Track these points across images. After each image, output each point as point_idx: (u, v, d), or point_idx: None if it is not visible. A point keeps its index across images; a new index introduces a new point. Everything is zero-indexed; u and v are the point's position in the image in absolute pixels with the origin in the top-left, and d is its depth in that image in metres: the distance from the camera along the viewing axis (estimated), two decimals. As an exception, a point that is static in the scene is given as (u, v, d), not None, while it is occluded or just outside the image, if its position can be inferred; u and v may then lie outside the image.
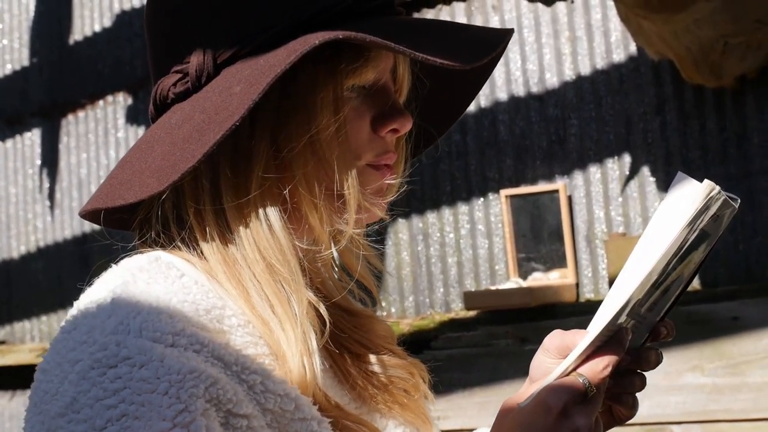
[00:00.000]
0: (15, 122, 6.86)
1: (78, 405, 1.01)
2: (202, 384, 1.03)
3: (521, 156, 4.81)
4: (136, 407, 0.99)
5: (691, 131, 4.39)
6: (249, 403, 1.07)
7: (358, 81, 1.22)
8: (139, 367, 1.02)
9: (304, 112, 1.17)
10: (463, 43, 1.21)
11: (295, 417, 1.11)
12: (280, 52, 1.14)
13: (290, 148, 1.17)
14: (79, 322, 1.11)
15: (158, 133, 1.19)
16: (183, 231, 1.20)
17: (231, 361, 1.09)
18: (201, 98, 1.17)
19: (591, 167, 4.63)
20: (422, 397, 1.39)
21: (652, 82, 4.49)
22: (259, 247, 1.17)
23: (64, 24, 6.65)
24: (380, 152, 1.24)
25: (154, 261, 1.17)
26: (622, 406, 1.26)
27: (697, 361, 3.91)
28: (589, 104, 4.65)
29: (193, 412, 1.00)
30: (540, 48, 4.81)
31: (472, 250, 4.91)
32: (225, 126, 1.10)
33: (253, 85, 1.11)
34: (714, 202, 1.18)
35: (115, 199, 1.17)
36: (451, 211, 4.97)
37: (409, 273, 5.07)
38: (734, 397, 3.79)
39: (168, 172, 1.12)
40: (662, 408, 3.88)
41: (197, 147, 1.11)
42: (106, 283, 1.17)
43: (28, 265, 6.68)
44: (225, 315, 1.15)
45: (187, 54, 1.20)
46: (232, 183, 1.17)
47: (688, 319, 4.00)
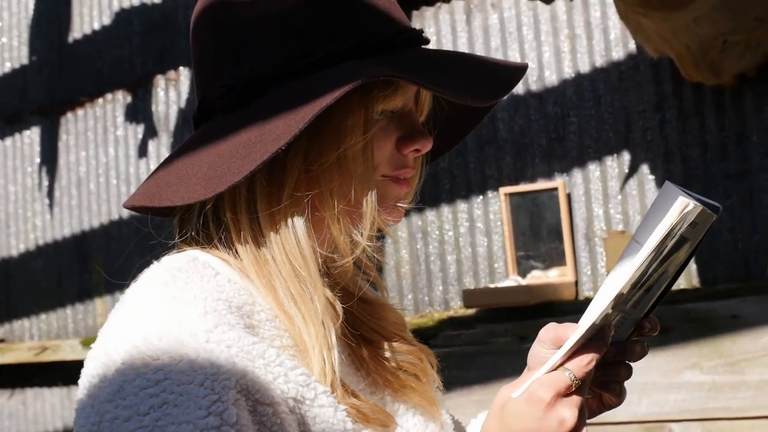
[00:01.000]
0: (14, 120, 6.86)
1: (124, 392, 1.14)
2: (234, 377, 1.15)
3: (520, 154, 4.81)
4: (175, 396, 1.11)
5: (691, 129, 4.39)
6: (274, 393, 1.19)
7: (388, 106, 1.35)
8: (178, 360, 1.14)
9: (337, 133, 1.30)
10: (485, 79, 1.36)
11: (315, 404, 1.23)
12: (323, 80, 1.26)
13: (320, 164, 1.30)
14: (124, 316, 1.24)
15: (205, 141, 1.31)
16: (220, 231, 1.34)
17: (258, 355, 1.20)
18: (246, 116, 1.30)
19: (590, 165, 4.62)
20: (431, 382, 1.52)
21: (651, 79, 4.49)
22: (287, 252, 1.30)
23: (63, 22, 6.65)
24: (399, 167, 1.39)
25: (192, 261, 1.30)
26: (610, 394, 1.40)
27: (696, 359, 3.91)
28: (588, 102, 4.65)
29: (225, 401, 1.12)
30: (539, 46, 4.81)
31: (471, 248, 4.91)
32: (270, 149, 1.22)
33: (299, 113, 1.23)
34: (689, 215, 1.25)
35: (163, 199, 1.30)
36: (450, 208, 4.97)
37: (408, 271, 5.07)
38: (733, 395, 3.79)
39: (214, 182, 1.25)
40: (661, 406, 3.89)
41: (243, 163, 1.24)
42: (150, 281, 1.29)
43: (27, 263, 6.68)
44: (255, 311, 1.28)
45: (234, 69, 1.32)
46: (267, 192, 1.30)
47: (687, 317, 4.00)
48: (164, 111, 6.10)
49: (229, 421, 1.11)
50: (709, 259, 4.33)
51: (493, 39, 4.93)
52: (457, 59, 1.40)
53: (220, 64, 1.35)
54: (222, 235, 1.34)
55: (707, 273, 4.34)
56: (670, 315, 4.00)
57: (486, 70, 1.40)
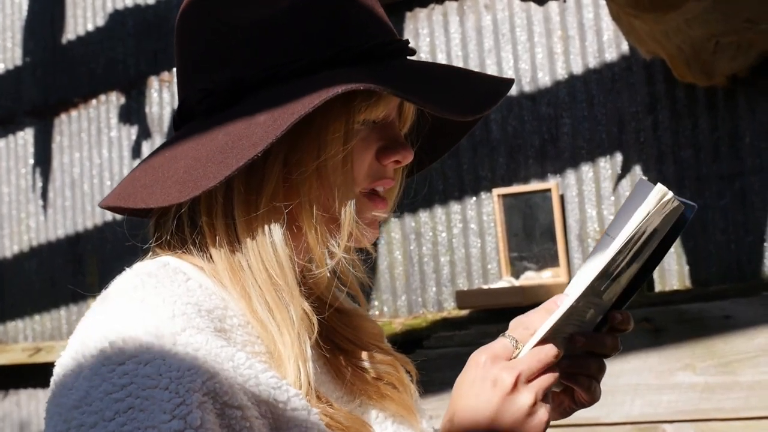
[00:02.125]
0: (8, 122, 6.86)
1: (90, 398, 1.14)
2: (200, 379, 1.14)
3: (513, 155, 4.82)
4: (141, 401, 1.12)
5: (683, 130, 4.39)
6: (243, 396, 1.18)
7: (370, 116, 1.34)
8: (144, 364, 1.14)
9: (317, 141, 1.30)
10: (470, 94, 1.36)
11: (287, 408, 1.22)
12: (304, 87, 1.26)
13: (299, 173, 1.29)
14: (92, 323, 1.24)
15: (182, 144, 1.31)
16: (195, 235, 1.33)
17: (227, 358, 1.19)
18: (225, 120, 1.29)
19: (583, 166, 4.63)
20: (408, 391, 1.51)
21: (644, 81, 4.50)
22: (263, 259, 1.29)
23: (57, 23, 6.65)
24: (377, 177, 1.37)
25: (163, 266, 1.30)
26: (579, 388, 1.36)
27: (689, 359, 3.92)
28: (581, 103, 4.65)
29: (189, 404, 1.12)
30: (532, 47, 4.81)
31: (465, 249, 4.91)
32: (247, 155, 1.22)
33: (277, 120, 1.23)
34: (668, 205, 1.27)
35: (138, 201, 1.31)
36: (443, 210, 4.97)
37: (401, 272, 5.07)
38: (726, 396, 3.80)
39: (190, 186, 1.25)
40: (654, 407, 3.89)
41: (219, 168, 1.24)
42: (119, 286, 1.29)
43: (21, 264, 6.68)
44: (227, 315, 1.27)
45: (215, 74, 1.32)
46: (244, 199, 1.29)
47: (679, 318, 4.01)
48: (158, 112, 6.10)
49: (193, 425, 1.12)
50: (702, 260, 4.34)
51: (486, 40, 4.93)
52: (443, 72, 1.40)
53: (201, 68, 1.35)
54: (197, 239, 1.33)
55: (700, 274, 4.34)
56: (662, 316, 4.01)
57: (471, 84, 1.39)
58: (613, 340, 1.35)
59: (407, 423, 1.48)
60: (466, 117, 1.36)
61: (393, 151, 1.37)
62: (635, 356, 3.98)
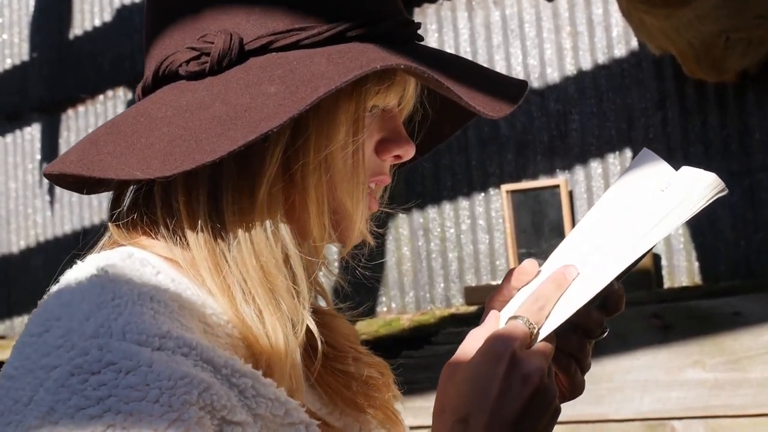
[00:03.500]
0: (15, 117, 6.85)
1: (56, 415, 0.92)
2: (195, 390, 0.96)
3: (522, 151, 4.81)
4: (123, 417, 0.91)
5: (693, 126, 4.38)
6: (242, 410, 1.01)
7: (380, 102, 1.17)
8: (126, 373, 0.94)
9: (325, 126, 1.12)
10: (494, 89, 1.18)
11: (285, 422, 1.06)
12: (319, 60, 1.08)
13: (304, 162, 1.11)
14: (51, 325, 1.00)
15: (163, 111, 1.09)
16: (169, 216, 1.11)
17: (221, 364, 1.02)
18: (220, 86, 1.09)
19: (592, 162, 4.62)
20: (390, 396, 1.34)
21: (653, 77, 4.48)
22: (257, 254, 1.10)
23: (64, 19, 6.64)
24: (375, 173, 1.19)
25: (127, 258, 1.08)
26: (559, 368, 1.18)
27: (698, 356, 3.91)
28: (590, 99, 4.64)
29: (186, 421, 0.94)
30: (541, 43, 4.80)
31: (473, 245, 4.90)
32: (260, 128, 1.03)
33: (295, 93, 1.05)
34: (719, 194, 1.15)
35: (106, 170, 1.07)
36: (451, 206, 4.96)
37: (409, 268, 5.06)
38: (735, 393, 3.79)
39: (178, 158, 1.04)
40: (663, 403, 3.88)
41: (220, 141, 1.03)
42: (76, 281, 1.06)
43: (27, 260, 6.67)
44: (206, 313, 1.08)
45: (208, 32, 1.11)
46: (237, 182, 1.10)
47: (689, 315, 4.00)
48: (165, 108, 6.09)
49: None
50: (711, 257, 4.33)
51: (495, 36, 4.92)
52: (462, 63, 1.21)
53: (190, 27, 1.13)
54: (170, 222, 1.11)
55: (709, 270, 4.33)
56: (672, 312, 4.00)
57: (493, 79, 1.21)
58: (599, 315, 1.16)
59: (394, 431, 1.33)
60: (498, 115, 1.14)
61: (395, 144, 1.19)
62: (644, 352, 3.97)
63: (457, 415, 1.08)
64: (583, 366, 1.19)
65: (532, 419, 1.08)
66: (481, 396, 1.07)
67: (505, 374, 1.07)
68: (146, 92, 1.15)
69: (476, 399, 1.08)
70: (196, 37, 1.12)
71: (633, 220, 1.15)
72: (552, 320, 1.12)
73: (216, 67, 1.10)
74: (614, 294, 1.16)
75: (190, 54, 1.11)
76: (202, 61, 1.10)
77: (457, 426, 1.08)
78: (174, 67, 1.12)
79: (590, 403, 3.93)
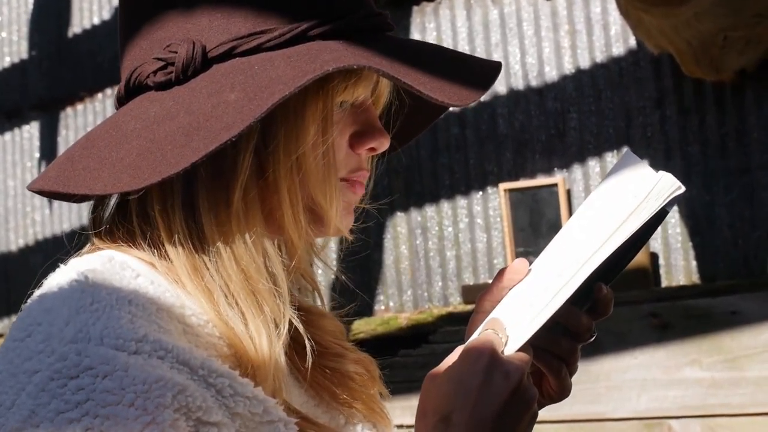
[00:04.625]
0: (14, 115, 6.85)
1: (37, 419, 0.96)
2: (169, 393, 0.98)
3: (520, 150, 4.81)
4: (101, 420, 0.94)
5: (691, 125, 4.38)
6: (218, 410, 1.03)
7: (348, 98, 1.16)
8: (103, 377, 0.97)
9: (294, 127, 1.12)
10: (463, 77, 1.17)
11: (264, 420, 1.07)
12: (279, 63, 1.09)
13: (277, 165, 1.11)
14: (33, 330, 1.03)
15: (133, 123, 1.11)
16: (146, 226, 1.13)
17: (197, 365, 1.04)
18: (186, 95, 1.10)
19: (590, 161, 4.62)
20: (376, 393, 1.34)
21: (651, 76, 4.48)
22: (237, 258, 1.11)
23: (63, 17, 6.64)
24: (353, 169, 1.19)
25: (108, 261, 1.10)
26: (548, 370, 1.19)
27: (696, 355, 3.91)
28: (588, 98, 4.64)
29: (161, 423, 0.96)
30: (539, 41, 4.80)
31: (471, 243, 4.90)
32: (220, 138, 1.04)
33: (252, 99, 1.06)
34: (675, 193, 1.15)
35: (80, 186, 1.09)
36: (449, 204, 4.96)
37: (407, 267, 5.06)
38: (733, 392, 3.79)
39: (146, 171, 1.06)
40: (660, 402, 3.88)
41: (182, 152, 1.05)
42: (58, 286, 1.09)
43: (26, 258, 6.67)
44: (185, 314, 1.09)
45: (173, 41, 1.13)
46: (210, 188, 1.11)
47: (686, 314, 4.00)
48: (164, 106, 6.10)
49: None
50: (709, 256, 4.32)
51: (494, 35, 4.91)
52: (430, 52, 1.20)
53: (156, 38, 1.15)
54: (147, 231, 1.12)
55: (707, 269, 4.33)
56: (669, 311, 4.00)
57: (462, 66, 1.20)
58: (588, 319, 1.17)
59: (379, 429, 1.33)
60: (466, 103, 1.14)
61: (369, 136, 1.18)
62: (642, 351, 3.97)
63: (439, 414, 1.10)
64: (571, 369, 1.20)
65: (512, 417, 1.09)
66: (462, 393, 1.09)
67: (486, 371, 1.08)
68: (121, 103, 1.16)
69: (458, 396, 1.09)
70: (162, 46, 1.13)
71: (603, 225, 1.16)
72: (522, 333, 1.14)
73: (182, 77, 1.11)
74: (603, 298, 1.17)
75: (156, 65, 1.12)
76: (168, 71, 1.11)
77: (439, 425, 1.09)
78: (142, 78, 1.13)
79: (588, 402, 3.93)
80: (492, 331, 1.13)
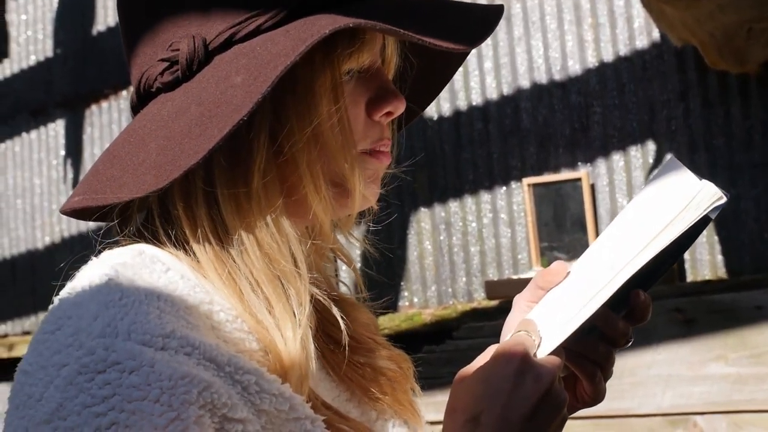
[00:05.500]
0: (39, 113, 6.89)
1: (65, 412, 0.98)
2: (195, 389, 0.99)
3: (544, 144, 4.78)
4: (126, 415, 0.96)
5: (715, 118, 4.34)
6: (244, 407, 1.04)
7: (354, 65, 1.17)
8: (129, 372, 0.99)
9: (303, 101, 1.13)
10: (462, 23, 1.17)
11: (290, 417, 1.08)
12: (279, 39, 1.10)
13: (293, 141, 1.12)
14: (63, 323, 1.05)
15: (149, 126, 1.13)
16: (169, 226, 1.14)
17: (224, 362, 1.05)
18: (194, 89, 1.12)
19: (614, 155, 4.59)
20: (409, 389, 1.34)
21: (675, 68, 4.45)
22: (260, 242, 1.12)
23: (87, 15, 6.66)
24: (376, 139, 1.19)
25: (138, 255, 1.12)
26: (583, 374, 1.19)
27: (721, 350, 3.88)
28: (612, 91, 4.61)
29: (185, 420, 0.97)
30: (562, 35, 4.77)
31: (495, 239, 4.89)
32: (232, 120, 1.05)
33: (257, 77, 1.06)
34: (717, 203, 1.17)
35: (108, 196, 1.11)
36: (473, 199, 4.94)
37: (431, 262, 5.05)
38: (759, 387, 3.75)
39: (167, 168, 1.07)
40: (686, 398, 3.85)
41: (200, 141, 1.06)
42: (87, 279, 1.10)
43: (53, 256, 6.70)
44: (213, 310, 1.11)
45: (173, 41, 1.14)
46: (229, 177, 1.12)
47: (711, 309, 3.97)
48: (188, 103, 6.11)
49: None
50: (735, 250, 4.29)
51: (516, 28, 4.89)
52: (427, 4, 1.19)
53: (157, 41, 1.16)
54: (171, 231, 1.14)
55: (732, 264, 4.29)
56: (694, 306, 3.97)
57: (459, 12, 1.19)
58: (625, 325, 1.18)
59: (411, 426, 1.33)
60: (468, 47, 1.15)
61: (384, 101, 1.18)
62: (666, 347, 3.94)
63: (468, 414, 1.10)
64: (606, 374, 1.20)
65: (541, 420, 1.09)
66: (492, 394, 1.09)
67: (517, 373, 1.09)
68: (136, 111, 1.18)
69: (487, 397, 1.09)
70: (165, 47, 1.15)
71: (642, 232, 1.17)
72: (555, 336, 1.15)
73: (188, 72, 1.13)
74: (641, 304, 1.18)
75: (162, 66, 1.15)
76: (174, 70, 1.14)
77: (467, 425, 1.09)
78: (151, 81, 1.16)
79: (612, 399, 3.91)
80: (525, 333, 1.14)
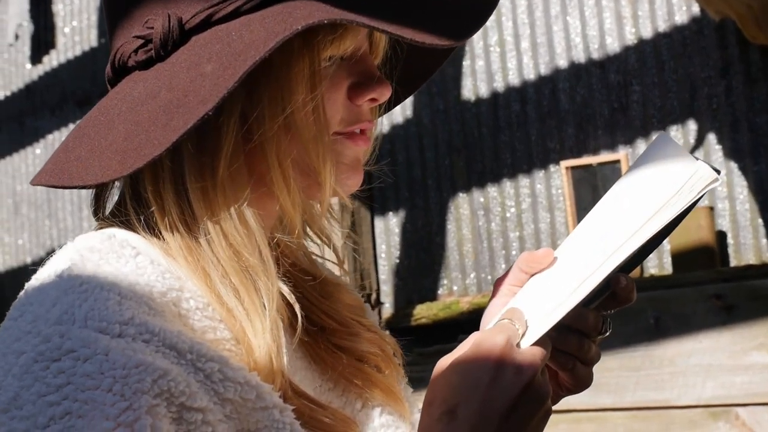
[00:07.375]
0: (85, 104, 6.92)
1: (21, 401, 0.97)
2: (149, 377, 0.98)
3: (582, 125, 4.66)
4: (79, 405, 0.95)
5: (758, 95, 4.20)
6: (204, 395, 1.02)
7: (336, 52, 1.13)
8: (83, 361, 0.97)
9: (278, 88, 1.09)
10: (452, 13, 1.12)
11: (257, 406, 1.05)
12: (255, 26, 1.06)
13: (263, 130, 1.09)
14: (25, 309, 1.05)
15: (119, 106, 1.10)
16: (140, 209, 1.12)
17: (185, 349, 1.02)
18: (167, 71, 1.09)
19: (654, 135, 4.45)
20: (395, 375, 1.30)
21: (716, 44, 4.29)
22: (226, 233, 1.10)
23: (129, 3, 6.67)
24: (353, 121, 1.15)
25: (107, 239, 1.09)
26: (556, 365, 1.16)
27: (764, 338, 3.73)
28: (651, 69, 4.47)
29: (137, 409, 0.96)
30: (600, 12, 4.64)
31: (534, 224, 4.78)
32: (198, 113, 1.03)
33: (227, 69, 1.04)
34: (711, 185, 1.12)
35: (73, 178, 1.10)
36: (512, 184, 4.84)
37: (470, 249, 4.95)
38: (803, 377, 3.62)
39: (132, 155, 1.05)
40: (727, 389, 3.72)
41: (164, 132, 1.04)
42: (54, 265, 1.09)
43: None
44: (183, 297, 1.08)
45: (149, 18, 1.11)
46: (197, 164, 1.09)
47: (753, 295, 3.82)
48: (228, 90, 6.09)
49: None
50: (780, 233, 4.14)
51: (553, 6, 4.77)
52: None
53: (133, 16, 1.13)
54: (141, 213, 1.12)
55: (777, 247, 4.14)
56: (734, 292, 3.82)
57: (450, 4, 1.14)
58: (595, 317, 1.14)
59: (396, 413, 1.29)
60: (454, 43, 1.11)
61: (367, 87, 1.15)
62: (706, 335, 3.80)
63: (445, 406, 1.07)
64: (584, 360, 1.17)
65: (522, 414, 1.06)
66: (470, 386, 1.06)
67: (497, 365, 1.05)
68: (111, 84, 1.16)
69: (466, 389, 1.06)
70: (141, 23, 1.12)
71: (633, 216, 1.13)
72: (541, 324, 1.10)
73: (162, 53, 1.10)
74: (624, 288, 1.14)
75: (136, 43, 1.12)
76: (148, 49, 1.11)
77: (444, 417, 1.06)
78: (125, 58, 1.13)
79: (652, 389, 3.78)
80: (508, 321, 1.10)
